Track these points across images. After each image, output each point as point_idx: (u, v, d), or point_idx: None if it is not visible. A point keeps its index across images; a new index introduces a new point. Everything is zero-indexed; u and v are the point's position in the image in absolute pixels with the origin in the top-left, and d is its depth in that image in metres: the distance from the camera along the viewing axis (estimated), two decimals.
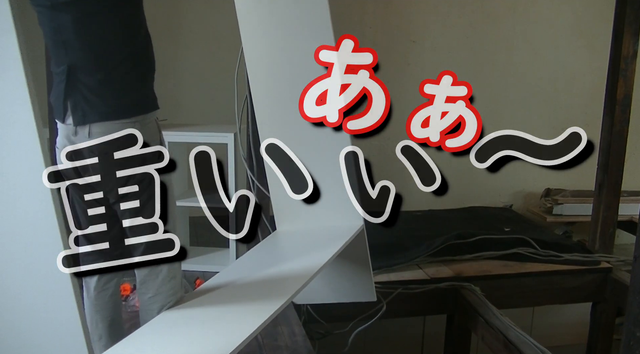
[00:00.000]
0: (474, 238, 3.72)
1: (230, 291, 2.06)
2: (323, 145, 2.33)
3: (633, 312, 1.38)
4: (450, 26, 4.56)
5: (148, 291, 1.94)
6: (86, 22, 1.72)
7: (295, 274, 2.11)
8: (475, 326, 3.14)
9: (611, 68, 3.60)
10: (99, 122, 1.79)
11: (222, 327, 1.82)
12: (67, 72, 1.79)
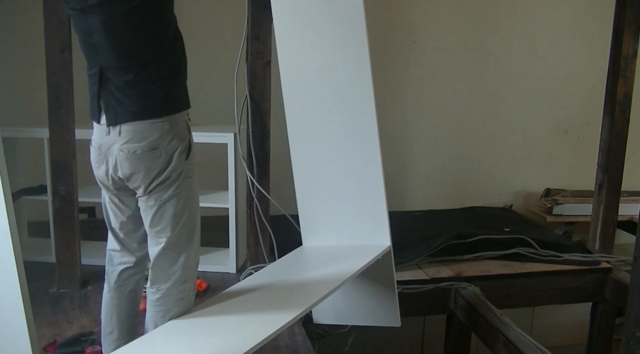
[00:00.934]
0: (474, 238, 3.71)
1: (245, 299, 2.08)
2: (356, 162, 2.42)
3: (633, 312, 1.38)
4: (450, 26, 4.56)
5: (158, 292, 1.93)
6: (113, 24, 1.74)
7: (313, 289, 2.10)
8: (475, 326, 3.13)
9: (611, 68, 3.60)
10: (130, 122, 1.81)
11: (230, 335, 1.81)
12: (99, 74, 1.82)
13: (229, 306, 2.03)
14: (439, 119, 4.65)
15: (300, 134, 2.56)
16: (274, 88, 3.12)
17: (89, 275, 3.02)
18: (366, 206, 2.45)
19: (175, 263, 1.92)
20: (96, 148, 1.89)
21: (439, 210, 4.53)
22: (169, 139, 1.84)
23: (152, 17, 1.79)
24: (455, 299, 3.33)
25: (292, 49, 2.46)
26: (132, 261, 2.02)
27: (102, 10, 1.73)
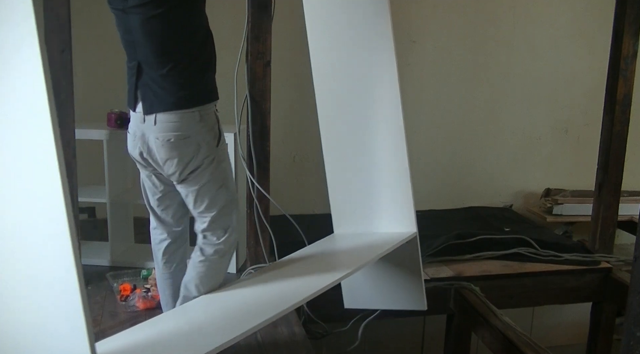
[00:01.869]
0: (474, 238, 3.71)
1: (281, 273, 2.33)
2: (382, 156, 2.63)
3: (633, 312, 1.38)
4: (450, 26, 4.56)
5: (202, 256, 2.16)
6: (151, 23, 1.93)
7: (344, 265, 2.32)
8: (475, 326, 3.14)
9: (611, 68, 3.60)
10: (164, 112, 1.99)
11: (273, 295, 2.09)
12: (137, 67, 2.01)
13: (270, 277, 2.29)
14: (438, 119, 4.65)
15: (332, 129, 2.76)
16: (274, 88, 3.12)
17: (89, 275, 3.02)
18: (393, 195, 2.65)
19: (220, 238, 2.17)
20: (132, 134, 2.10)
21: (439, 210, 4.53)
22: (200, 128, 2.03)
23: (186, 17, 1.96)
24: (455, 299, 3.33)
25: (324, 47, 2.66)
26: (171, 236, 2.25)
27: (140, 10, 1.91)
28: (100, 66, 3.91)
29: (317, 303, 3.03)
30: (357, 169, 2.72)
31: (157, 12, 1.90)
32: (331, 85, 2.69)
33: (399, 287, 2.76)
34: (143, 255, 3.25)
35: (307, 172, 4.51)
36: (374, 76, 2.58)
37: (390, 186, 2.64)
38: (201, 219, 2.16)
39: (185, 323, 1.99)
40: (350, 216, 2.77)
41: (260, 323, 1.83)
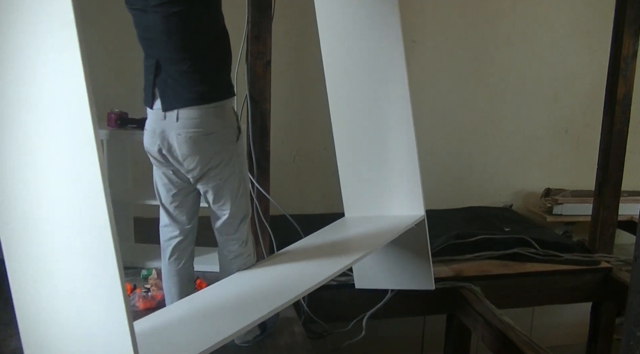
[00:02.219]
0: (474, 238, 3.71)
1: (296, 256, 2.42)
2: (391, 141, 2.74)
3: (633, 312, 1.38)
4: (450, 26, 4.55)
5: (229, 254, 2.27)
6: (170, 20, 1.97)
7: (356, 249, 2.42)
8: (475, 326, 3.14)
9: (611, 68, 3.60)
10: (185, 108, 2.03)
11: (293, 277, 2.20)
12: (156, 64, 2.05)
13: (284, 261, 2.38)
14: (438, 119, 4.64)
15: (342, 116, 2.84)
16: (274, 88, 3.12)
17: None
18: (402, 179, 2.75)
19: (237, 229, 2.25)
20: (150, 132, 2.12)
21: (439, 210, 4.53)
22: (221, 124, 2.08)
23: (204, 14, 2.03)
24: (455, 299, 3.33)
25: (335, 40, 2.77)
26: (182, 234, 2.27)
27: (161, 9, 1.96)
28: (100, 66, 3.91)
29: (317, 303, 3.04)
30: (367, 154, 2.81)
31: (177, 9, 1.96)
32: (342, 75, 2.79)
33: (408, 268, 2.88)
34: (143, 255, 3.25)
35: (307, 172, 4.51)
36: (383, 66, 2.69)
37: (399, 170, 2.74)
38: (220, 213, 2.21)
39: (205, 307, 2.04)
40: (361, 200, 2.86)
41: (278, 306, 1.90)
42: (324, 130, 4.44)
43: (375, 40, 2.68)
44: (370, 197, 2.84)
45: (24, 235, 1.64)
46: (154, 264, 3.10)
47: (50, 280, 1.61)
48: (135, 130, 3.10)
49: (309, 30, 4.27)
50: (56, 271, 1.60)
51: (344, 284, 3.20)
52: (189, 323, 1.91)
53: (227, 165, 2.14)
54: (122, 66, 3.87)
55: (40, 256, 1.61)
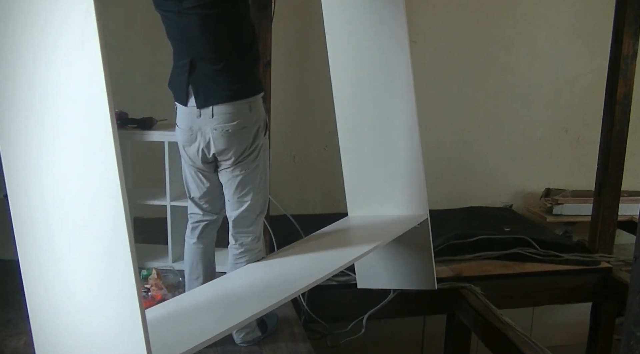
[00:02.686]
0: (474, 238, 3.72)
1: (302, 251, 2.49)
2: (396, 142, 2.76)
3: (633, 312, 1.38)
4: (450, 26, 4.56)
5: (241, 247, 2.34)
6: (207, 22, 2.07)
7: (359, 246, 2.46)
8: (475, 326, 3.14)
9: (611, 68, 3.60)
10: (220, 104, 2.13)
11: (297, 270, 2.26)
12: (190, 64, 2.13)
13: (289, 256, 2.44)
14: (438, 119, 4.65)
15: (347, 117, 2.87)
16: (274, 88, 3.12)
17: None
18: (406, 180, 2.79)
19: (253, 222, 2.33)
20: (186, 130, 2.21)
21: (439, 210, 4.53)
22: (253, 117, 2.19)
23: (237, 16, 2.13)
24: (455, 299, 3.33)
25: (341, 40, 2.81)
26: (213, 219, 2.40)
27: (197, 11, 2.05)
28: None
29: (317, 303, 3.04)
30: (372, 155, 2.84)
31: (213, 12, 2.06)
32: (347, 75, 2.83)
33: (411, 268, 2.91)
34: (143, 255, 3.25)
35: (307, 172, 4.51)
36: (388, 67, 2.74)
37: (403, 171, 2.79)
38: (241, 203, 2.29)
39: (218, 295, 2.12)
40: (364, 199, 2.90)
41: (280, 299, 1.97)
42: (324, 130, 4.46)
43: (381, 41, 2.72)
44: (373, 197, 2.87)
45: (40, 234, 1.63)
46: (154, 264, 3.10)
47: (65, 279, 1.62)
48: (135, 130, 3.10)
49: (309, 30, 4.28)
50: (71, 270, 1.61)
51: (344, 284, 3.20)
52: (193, 314, 1.96)
53: (256, 157, 2.25)
54: (123, 66, 3.87)
55: (54, 255, 1.61)
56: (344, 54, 2.81)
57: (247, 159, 2.23)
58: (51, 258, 1.63)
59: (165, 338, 1.74)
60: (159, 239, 3.42)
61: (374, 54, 2.75)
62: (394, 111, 2.75)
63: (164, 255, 3.16)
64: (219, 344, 2.45)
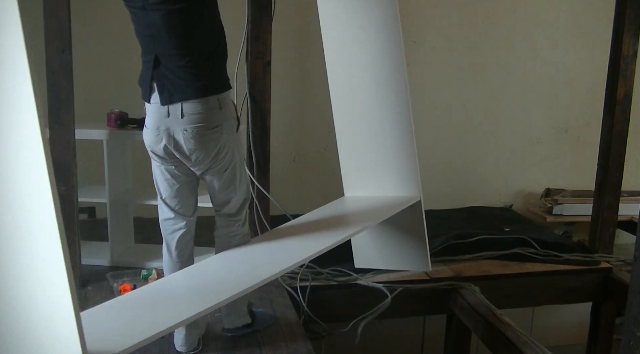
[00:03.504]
0: (474, 238, 3.71)
1: (294, 230, 2.57)
2: (391, 126, 2.84)
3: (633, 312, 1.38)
4: (450, 26, 4.56)
5: (229, 234, 2.39)
6: (171, 18, 2.04)
7: (353, 224, 2.57)
8: (475, 326, 3.13)
9: (611, 68, 3.60)
10: (188, 101, 2.10)
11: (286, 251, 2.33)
12: (154, 59, 2.11)
13: (282, 235, 2.53)
14: (438, 119, 4.65)
15: (342, 101, 2.94)
16: (274, 88, 3.12)
17: (89, 275, 3.02)
18: (400, 162, 2.87)
19: (239, 211, 2.37)
20: (153, 129, 2.16)
21: (439, 210, 4.53)
22: (223, 116, 2.16)
23: (203, 12, 2.10)
24: (455, 299, 3.32)
25: (333, 24, 2.85)
26: (186, 226, 2.33)
27: (161, 7, 2.02)
28: (100, 66, 3.91)
29: (317, 303, 3.04)
30: (366, 139, 2.90)
31: (177, 7, 2.02)
32: (342, 63, 2.88)
33: (405, 250, 3.02)
34: (143, 255, 3.25)
35: (307, 172, 4.51)
36: (382, 54, 2.77)
37: (397, 154, 2.85)
38: (227, 198, 2.31)
39: (200, 278, 2.18)
40: (360, 181, 2.98)
41: (274, 274, 2.07)
42: (324, 130, 4.46)
43: (373, 26, 2.73)
44: (368, 179, 2.95)
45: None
46: (154, 264, 3.10)
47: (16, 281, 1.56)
48: (135, 130, 3.11)
49: (309, 30, 4.28)
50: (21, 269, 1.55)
51: (344, 284, 3.20)
52: (180, 293, 2.06)
53: (232, 155, 2.24)
54: (122, 66, 3.87)
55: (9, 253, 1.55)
56: (338, 39, 2.84)
57: (224, 158, 2.21)
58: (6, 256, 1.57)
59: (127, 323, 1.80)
60: (159, 239, 3.41)
61: (367, 39, 2.77)
62: (387, 96, 2.80)
63: None
64: (219, 345, 2.46)
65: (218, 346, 2.45)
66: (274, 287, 3.01)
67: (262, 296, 2.90)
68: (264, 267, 2.15)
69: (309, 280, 3.11)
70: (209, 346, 2.44)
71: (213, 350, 2.42)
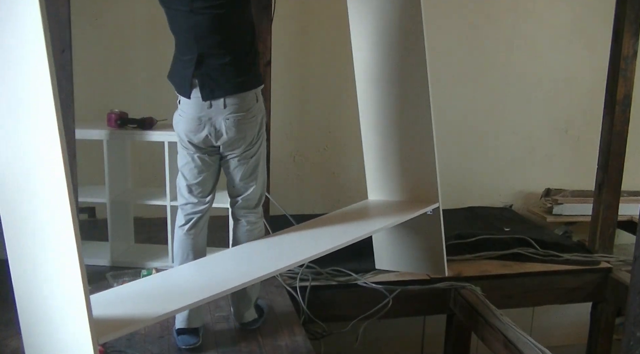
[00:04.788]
0: (474, 238, 3.71)
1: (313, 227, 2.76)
2: (414, 136, 3.03)
3: (633, 312, 1.38)
4: (450, 26, 4.56)
5: (248, 224, 2.51)
6: (217, 21, 2.23)
7: (374, 224, 2.83)
8: (475, 326, 3.13)
9: (611, 68, 3.60)
10: (230, 96, 2.28)
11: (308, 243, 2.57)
12: (197, 58, 2.26)
13: (306, 229, 2.74)
14: (438, 119, 4.59)
15: (369, 109, 3.10)
16: (274, 88, 3.12)
17: (89, 275, 2.99)
18: (421, 170, 3.06)
19: (257, 204, 2.51)
20: (194, 119, 2.30)
21: None
22: (258, 107, 2.36)
23: (243, 15, 2.31)
24: (455, 299, 3.33)
25: (364, 42, 3.01)
26: (204, 209, 2.45)
27: (208, 11, 2.20)
28: (100, 66, 3.91)
29: (317, 303, 3.04)
30: (390, 146, 3.10)
31: (222, 12, 2.21)
32: (369, 77, 3.06)
33: (423, 254, 3.17)
34: (143, 255, 3.25)
35: (307, 173, 4.51)
36: (408, 70, 2.94)
37: (419, 162, 3.05)
38: (248, 187, 2.44)
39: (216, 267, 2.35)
40: (383, 186, 3.18)
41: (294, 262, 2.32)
42: (324, 130, 4.46)
43: (401, 45, 2.92)
44: (391, 185, 3.15)
45: (24, 235, 1.66)
46: (154, 264, 3.10)
47: (44, 278, 1.65)
48: (135, 130, 3.10)
49: (309, 30, 4.28)
50: (47, 269, 1.66)
51: (344, 284, 3.21)
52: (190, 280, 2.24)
53: (261, 143, 2.44)
54: (122, 66, 3.87)
55: (35, 256, 1.65)
56: (368, 56, 3.01)
57: (255, 146, 2.39)
58: (34, 258, 1.68)
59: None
60: (159, 239, 3.42)
61: (394, 56, 2.95)
62: (411, 108, 2.98)
63: (164, 255, 3.17)
64: (219, 344, 2.46)
65: (218, 346, 2.45)
66: (274, 287, 3.01)
67: (262, 295, 2.90)
68: (284, 257, 2.36)
69: (309, 280, 3.11)
70: (209, 345, 2.44)
71: (212, 350, 2.42)
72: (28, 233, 1.68)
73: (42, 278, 1.70)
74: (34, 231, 1.66)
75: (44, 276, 1.69)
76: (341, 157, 4.50)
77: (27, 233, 1.68)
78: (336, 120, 4.42)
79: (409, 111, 2.99)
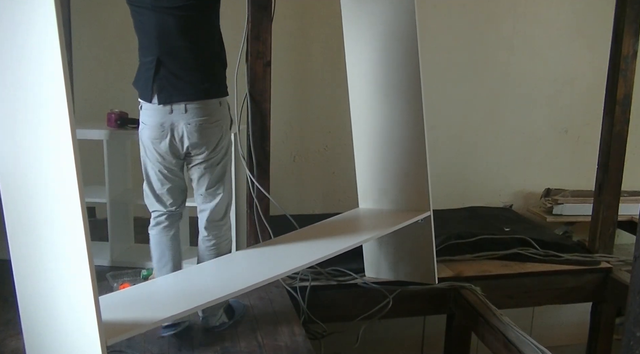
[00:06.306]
0: (474, 238, 3.71)
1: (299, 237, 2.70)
2: (405, 145, 2.98)
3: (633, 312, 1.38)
4: (450, 26, 4.56)
5: (213, 238, 2.45)
6: (182, 23, 2.16)
7: (364, 233, 2.79)
8: (475, 326, 3.14)
9: (611, 68, 3.60)
10: (192, 101, 2.22)
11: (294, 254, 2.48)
12: (157, 61, 2.19)
13: (290, 240, 2.69)
14: (439, 119, 4.64)
15: (361, 120, 3.09)
16: (274, 88, 3.12)
17: None
18: (412, 179, 3.01)
19: (225, 215, 2.46)
20: (156, 126, 2.26)
21: (439, 210, 4.52)
22: (222, 112, 2.32)
23: (211, 19, 2.25)
24: (455, 299, 3.33)
25: (357, 45, 2.98)
26: (176, 212, 2.45)
27: (175, 11, 2.12)
28: (100, 66, 3.91)
29: (316, 303, 3.04)
30: (382, 155, 3.06)
31: (185, 13, 2.14)
32: (362, 86, 3.02)
33: (414, 262, 3.14)
34: (143, 255, 3.25)
35: (307, 173, 4.51)
36: (400, 77, 2.91)
37: (410, 171, 3.00)
38: (213, 197, 2.40)
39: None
40: (374, 194, 3.14)
41: (286, 271, 2.27)
42: (324, 130, 4.46)
43: (395, 57, 2.88)
44: (382, 193, 3.10)
45: (30, 236, 1.66)
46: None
47: (50, 279, 1.64)
48: (135, 130, 3.10)
49: (309, 30, 4.28)
50: (54, 270, 1.65)
51: (344, 284, 3.20)
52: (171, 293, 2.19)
53: (225, 151, 2.38)
54: (122, 66, 3.87)
55: (41, 257, 1.64)
56: (361, 60, 2.97)
57: (219, 153, 2.35)
58: (39, 259, 1.69)
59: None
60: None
61: (387, 62, 2.92)
62: (404, 116, 2.94)
63: None
64: (219, 344, 2.46)
65: (218, 345, 2.45)
66: (274, 287, 3.01)
67: (262, 296, 2.90)
68: (275, 267, 2.32)
69: (309, 280, 3.11)
70: (209, 345, 2.44)
71: (212, 350, 2.42)
72: (34, 234, 1.68)
73: (48, 279, 1.70)
74: (40, 232, 1.66)
75: (49, 276, 1.70)
76: (341, 157, 4.50)
77: (33, 234, 1.68)
78: (336, 120, 4.42)
79: (401, 119, 2.96)
